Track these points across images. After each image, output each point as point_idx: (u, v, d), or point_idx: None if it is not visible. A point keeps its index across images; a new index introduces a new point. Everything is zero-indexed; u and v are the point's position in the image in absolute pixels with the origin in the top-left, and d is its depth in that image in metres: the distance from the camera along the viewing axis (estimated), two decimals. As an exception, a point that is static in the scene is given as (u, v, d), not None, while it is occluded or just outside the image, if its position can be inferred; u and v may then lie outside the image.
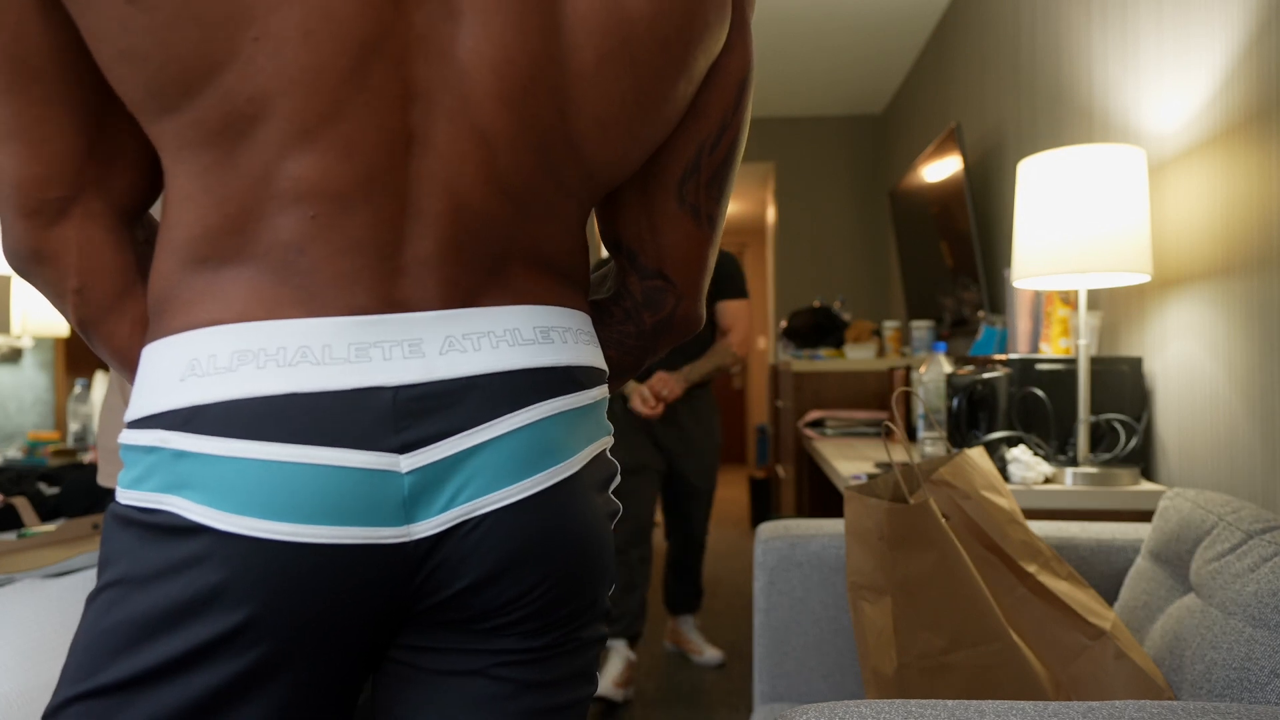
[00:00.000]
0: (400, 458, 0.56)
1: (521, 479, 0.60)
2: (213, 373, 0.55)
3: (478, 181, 0.59)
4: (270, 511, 0.54)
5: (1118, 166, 1.49)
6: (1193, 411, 1.56)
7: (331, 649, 0.58)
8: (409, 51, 0.56)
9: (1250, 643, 0.92)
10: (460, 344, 0.59)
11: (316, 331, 0.55)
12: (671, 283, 0.74)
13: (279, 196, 0.55)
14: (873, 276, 5.25)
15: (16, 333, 3.36)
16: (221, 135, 0.54)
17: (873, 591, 1.18)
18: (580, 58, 0.59)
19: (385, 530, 0.56)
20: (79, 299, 0.61)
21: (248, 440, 0.54)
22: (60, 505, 1.95)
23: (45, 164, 0.58)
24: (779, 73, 4.52)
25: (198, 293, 0.56)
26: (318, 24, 0.52)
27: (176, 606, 0.54)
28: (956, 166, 2.91)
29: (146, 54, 0.52)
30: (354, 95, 0.54)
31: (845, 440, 2.80)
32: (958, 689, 1.08)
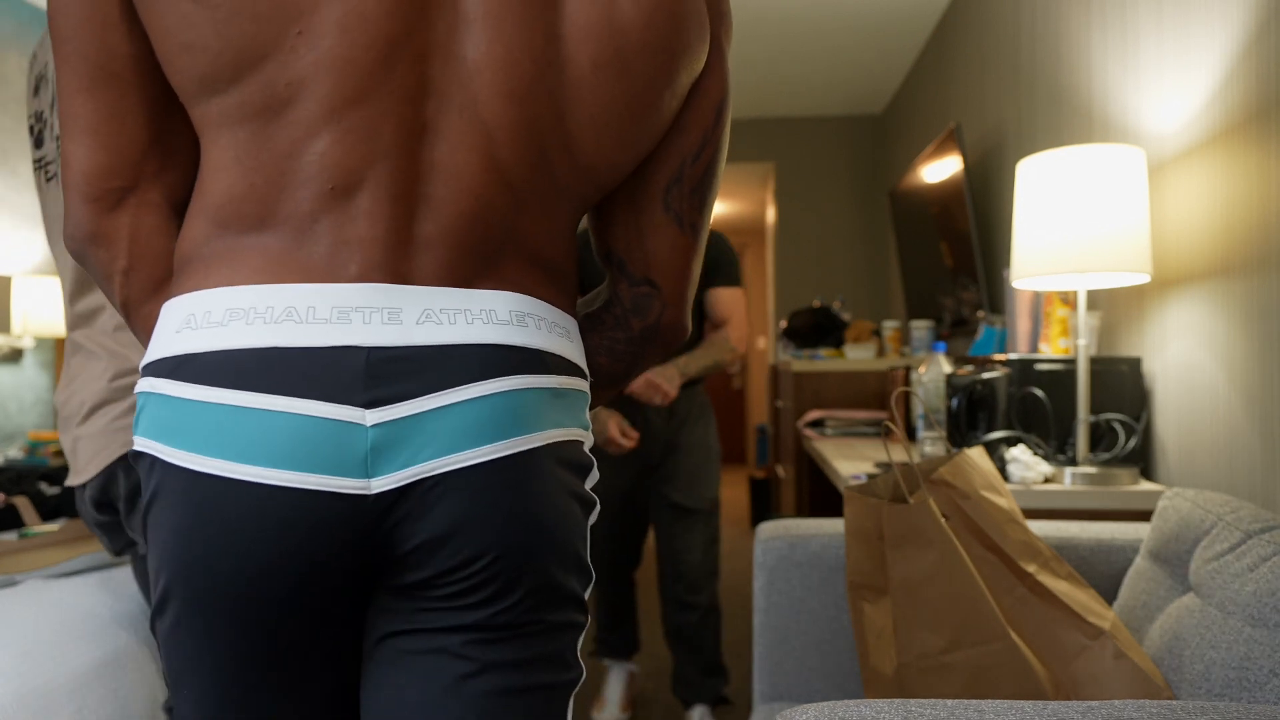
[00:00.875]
0: (366, 412, 0.60)
1: (480, 445, 0.63)
2: (205, 326, 0.61)
3: (481, 170, 0.64)
4: (239, 455, 0.59)
5: (1117, 166, 1.49)
6: (1192, 411, 1.56)
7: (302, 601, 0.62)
8: (428, 51, 0.63)
9: (1249, 642, 0.92)
10: (437, 317, 0.63)
11: (304, 294, 0.61)
12: (658, 289, 0.78)
13: (303, 170, 0.61)
14: (872, 276, 5.25)
15: (18, 333, 3.36)
16: (259, 114, 0.61)
17: (872, 591, 1.18)
18: (578, 63, 0.65)
19: (346, 481, 0.60)
20: (125, 279, 0.67)
21: (227, 389, 0.59)
22: (61, 505, 1.95)
23: (111, 156, 0.65)
24: (779, 73, 4.52)
25: (215, 257, 0.63)
26: (353, 22, 0.60)
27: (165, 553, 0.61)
28: (956, 166, 2.91)
29: (205, 45, 0.60)
30: (378, 86, 0.61)
31: (845, 440, 2.80)
32: (957, 689, 1.08)
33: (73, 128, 0.65)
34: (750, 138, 5.33)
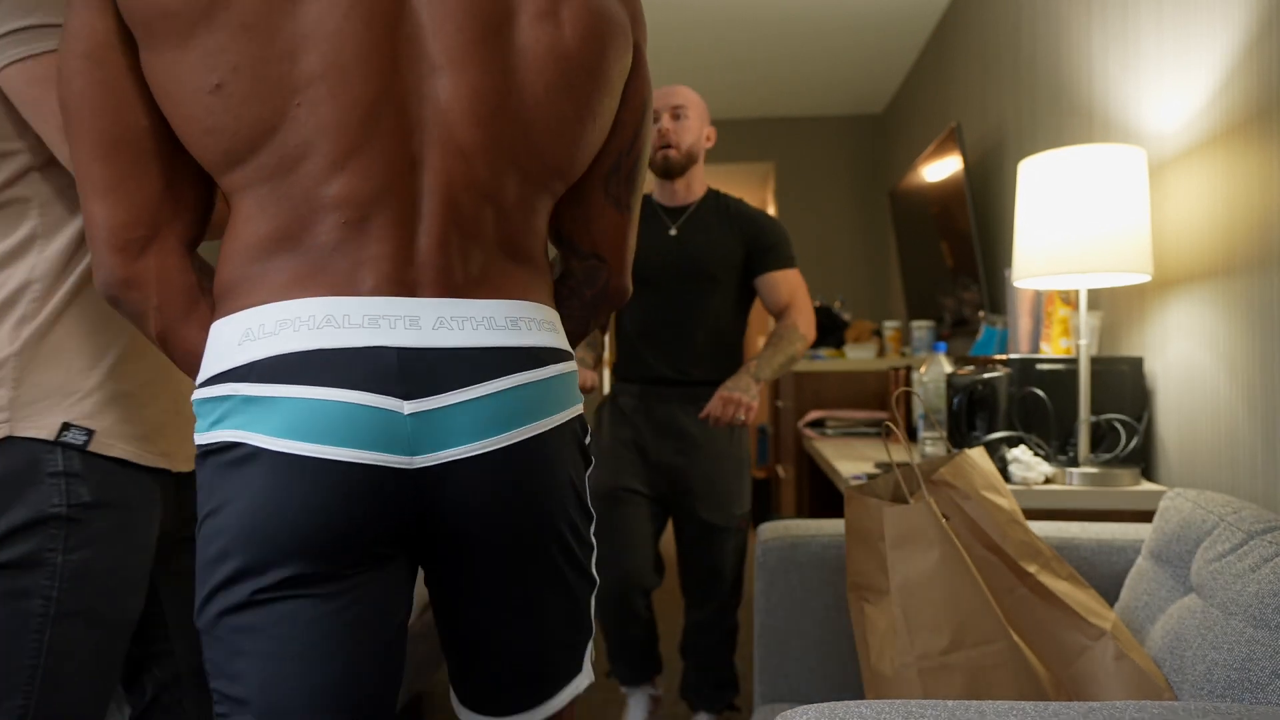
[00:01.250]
0: (404, 403, 0.74)
1: (497, 434, 0.78)
2: (261, 337, 0.74)
3: (464, 189, 0.78)
4: (309, 436, 0.72)
5: (1118, 166, 1.49)
6: (1193, 411, 1.56)
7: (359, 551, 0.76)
8: (406, 99, 0.76)
9: (1251, 643, 0.92)
10: (449, 324, 0.77)
11: (339, 305, 0.74)
12: (604, 261, 0.96)
13: (319, 210, 0.74)
14: (873, 276, 5.25)
15: (16, 333, 3.35)
16: (276, 173, 0.74)
17: (873, 592, 1.18)
18: (533, 89, 0.80)
19: (393, 456, 0.74)
20: (158, 314, 0.79)
21: (289, 384, 0.72)
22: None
23: (130, 211, 0.76)
24: (779, 72, 4.52)
25: (253, 283, 0.75)
26: (340, 89, 0.73)
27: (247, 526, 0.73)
28: (957, 166, 2.91)
29: (224, 127, 0.72)
30: (370, 135, 0.74)
31: (845, 440, 2.80)
32: (958, 689, 1.08)
33: (92, 189, 0.75)
34: (750, 138, 5.33)
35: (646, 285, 2.06)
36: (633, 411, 2.09)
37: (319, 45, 0.72)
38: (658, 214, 2.10)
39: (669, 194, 2.10)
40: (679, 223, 2.08)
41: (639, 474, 2.06)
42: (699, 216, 2.09)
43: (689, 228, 2.07)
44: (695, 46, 4.15)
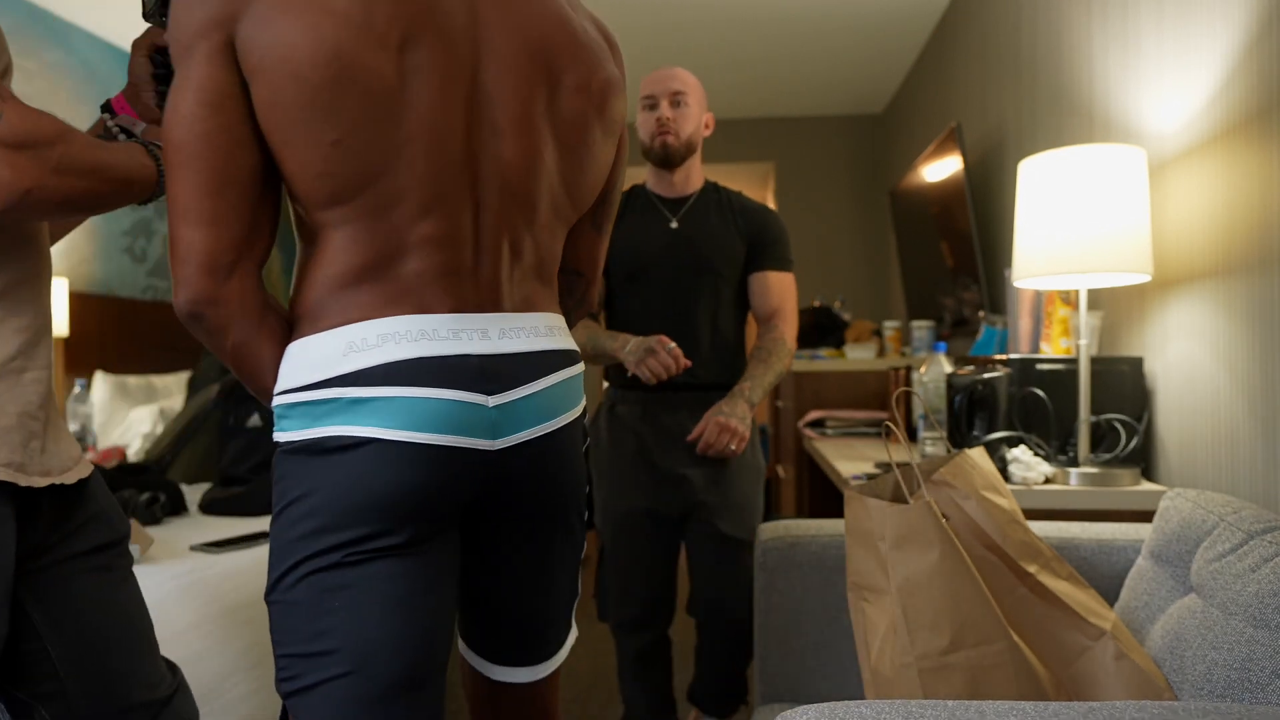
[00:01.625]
0: (488, 398, 0.91)
1: (549, 420, 0.98)
2: (365, 349, 0.88)
3: (514, 228, 0.97)
4: (419, 426, 0.87)
5: (1118, 166, 1.49)
6: (1193, 411, 1.56)
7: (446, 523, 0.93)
8: (476, 156, 0.93)
9: (1251, 643, 0.92)
10: (509, 334, 0.95)
11: (428, 322, 0.90)
12: (582, 275, 1.17)
13: (407, 245, 0.90)
14: (873, 276, 5.25)
15: (16, 333, 3.34)
16: (371, 213, 0.88)
17: (873, 592, 1.18)
18: (567, 145, 1.00)
19: (481, 440, 0.91)
20: (238, 327, 0.89)
21: (399, 386, 0.87)
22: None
23: (225, 240, 0.85)
24: (779, 73, 4.52)
25: (344, 305, 0.89)
26: (432, 149, 0.89)
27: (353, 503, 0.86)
28: (957, 166, 2.90)
29: (336, 173, 0.86)
30: (449, 185, 0.91)
31: (845, 440, 2.80)
32: (958, 689, 1.08)
33: (197, 219, 0.84)
34: (750, 137, 5.33)
35: (646, 280, 1.93)
36: (637, 421, 1.92)
37: (418, 112, 0.88)
38: (655, 205, 1.99)
39: (666, 184, 1.99)
40: (679, 215, 1.97)
41: (649, 491, 1.90)
42: (699, 208, 1.98)
43: (689, 220, 1.96)
44: (695, 46, 4.15)
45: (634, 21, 3.82)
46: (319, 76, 0.83)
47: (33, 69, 3.60)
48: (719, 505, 1.88)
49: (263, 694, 1.64)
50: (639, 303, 1.95)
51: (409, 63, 0.87)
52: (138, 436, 3.50)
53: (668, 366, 1.74)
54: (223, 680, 1.54)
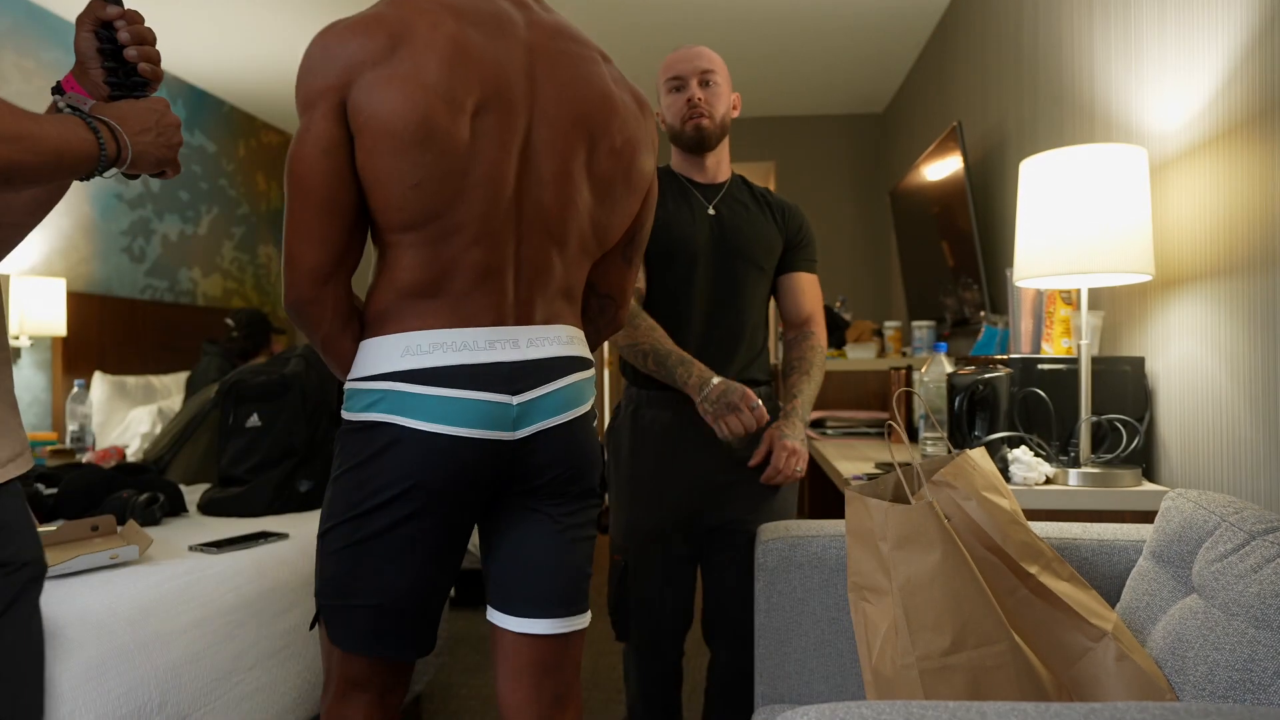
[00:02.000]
0: (513, 398, 1.12)
1: (563, 414, 1.18)
2: (419, 353, 1.10)
3: (547, 260, 1.17)
4: (449, 421, 1.09)
5: (1120, 166, 1.49)
6: (1195, 411, 1.55)
7: (467, 500, 1.14)
8: (522, 201, 1.14)
9: (1253, 644, 0.91)
10: (536, 344, 1.16)
11: (470, 334, 1.12)
12: (612, 298, 1.36)
13: (459, 268, 1.11)
14: (874, 276, 5.25)
15: (14, 332, 3.35)
16: (435, 240, 1.10)
17: (874, 592, 1.17)
18: (598, 197, 1.20)
19: (504, 433, 1.12)
20: (329, 324, 1.13)
21: (439, 387, 1.09)
22: (58, 507, 1.94)
23: (328, 254, 1.09)
24: (780, 72, 4.51)
25: (406, 313, 1.12)
26: (488, 193, 1.10)
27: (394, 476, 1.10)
28: (958, 166, 2.90)
29: (409, 207, 1.08)
30: (498, 222, 1.12)
31: (846, 440, 2.80)
32: (959, 690, 1.07)
33: (307, 236, 1.08)
34: (751, 136, 5.33)
35: (687, 265, 1.75)
36: (668, 426, 1.76)
37: (480, 164, 1.09)
38: (691, 190, 1.82)
39: (699, 170, 1.83)
40: (715, 202, 1.81)
41: (681, 503, 1.75)
42: (734, 198, 1.84)
43: (727, 209, 1.81)
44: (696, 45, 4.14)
45: (634, 21, 3.81)
46: (410, 135, 1.04)
47: (31, 68, 3.59)
48: (753, 517, 1.75)
49: (262, 694, 1.64)
50: (679, 289, 1.77)
51: (478, 125, 1.09)
52: (136, 436, 3.50)
53: (749, 428, 1.57)
54: (223, 680, 1.54)
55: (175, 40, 4.01)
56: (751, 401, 1.57)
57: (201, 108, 4.70)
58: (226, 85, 4.66)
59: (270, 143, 5.39)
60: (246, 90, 4.74)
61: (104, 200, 3.99)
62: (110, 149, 0.96)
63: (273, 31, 3.92)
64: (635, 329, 1.68)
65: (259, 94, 4.81)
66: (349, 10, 3.67)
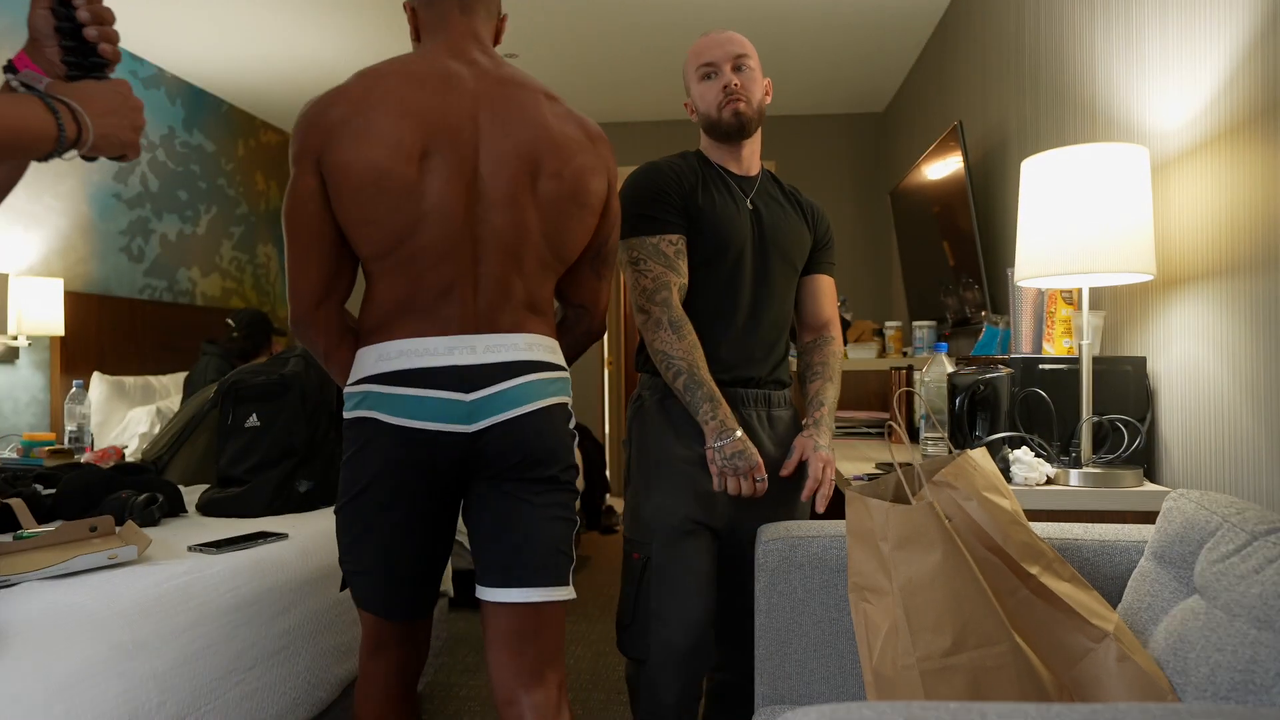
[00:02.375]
0: (466, 395, 1.29)
1: (515, 408, 1.32)
2: (390, 359, 1.29)
3: (504, 275, 1.34)
4: (413, 416, 1.27)
5: (1121, 165, 1.48)
6: (1197, 412, 1.55)
7: (434, 483, 1.32)
8: (475, 226, 1.32)
9: (1255, 645, 0.91)
10: (494, 350, 1.32)
11: (433, 343, 1.29)
12: (584, 307, 1.53)
13: (425, 286, 1.30)
14: (874, 276, 5.24)
15: (13, 332, 3.34)
16: (401, 265, 1.29)
17: (875, 593, 1.17)
18: (546, 217, 1.36)
19: (460, 426, 1.29)
20: (326, 339, 1.36)
21: (405, 387, 1.28)
22: (57, 507, 1.94)
23: (318, 281, 1.32)
24: (780, 70, 4.51)
25: (386, 326, 1.31)
26: (441, 222, 1.29)
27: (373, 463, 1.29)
28: (958, 165, 2.90)
29: (373, 239, 1.29)
30: (454, 246, 1.30)
31: (847, 441, 2.79)
32: (960, 691, 1.07)
33: (300, 268, 1.32)
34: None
35: (729, 261, 1.67)
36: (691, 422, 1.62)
37: (430, 198, 1.29)
38: (729, 182, 1.73)
39: (734, 160, 1.75)
40: (751, 196, 1.74)
41: (704, 502, 1.62)
42: (767, 192, 1.77)
43: (763, 204, 1.74)
44: (696, 45, 4.13)
45: (635, 21, 3.81)
46: (364, 180, 1.26)
47: (31, 68, 3.58)
48: (776, 520, 1.67)
49: (262, 694, 1.64)
50: (724, 287, 1.68)
51: (426, 166, 1.29)
52: (135, 437, 3.50)
53: (747, 496, 1.56)
54: (222, 680, 1.53)
55: (175, 40, 4.01)
56: (759, 474, 1.54)
57: (201, 107, 4.70)
58: (226, 84, 4.65)
59: (269, 142, 5.38)
60: (246, 89, 4.74)
61: (102, 200, 3.99)
62: (70, 130, 0.92)
63: (272, 31, 3.91)
64: (680, 338, 1.56)
65: (258, 93, 4.81)
66: (348, 10, 3.67)
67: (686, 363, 1.56)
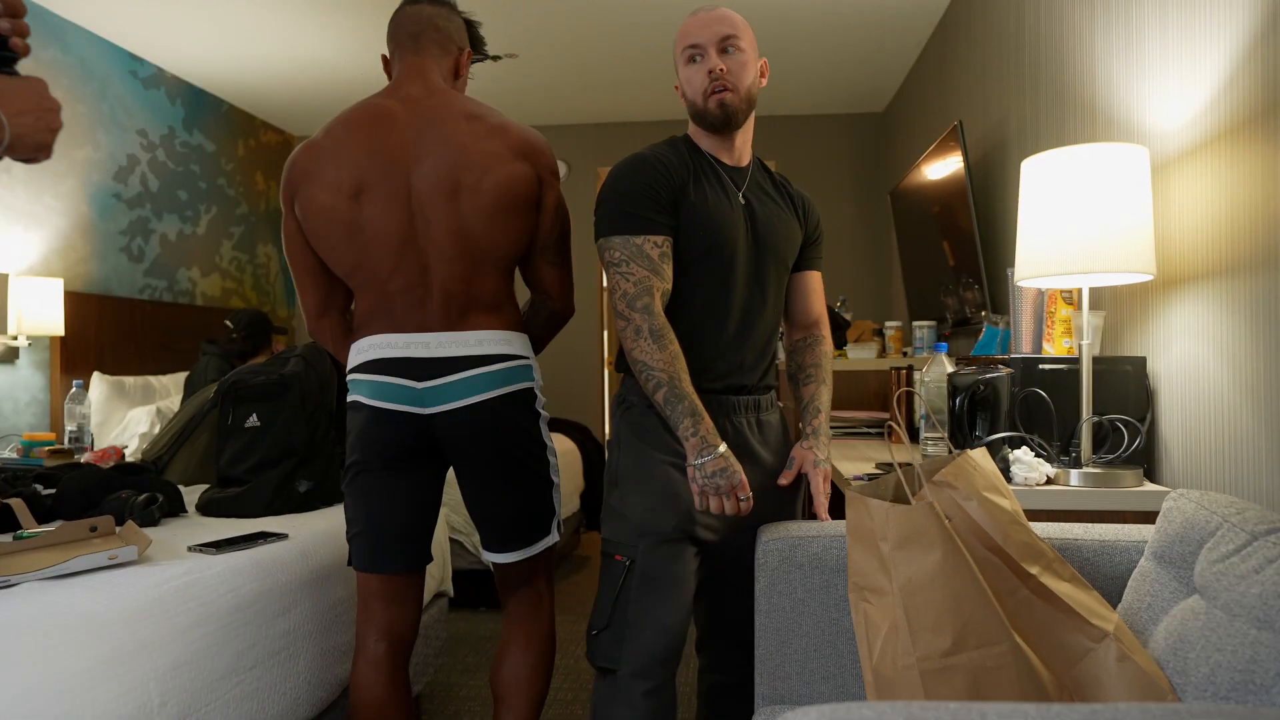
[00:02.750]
0: (418, 383, 1.55)
1: (467, 398, 1.57)
2: (363, 353, 1.58)
3: (450, 277, 1.58)
4: (379, 398, 1.56)
5: (1121, 165, 1.48)
6: (1197, 412, 1.55)
7: (401, 452, 1.59)
8: (417, 239, 1.56)
9: (1255, 645, 0.91)
10: (445, 345, 1.57)
11: (394, 339, 1.57)
12: (549, 295, 1.75)
13: (388, 295, 1.57)
14: (874, 276, 5.24)
15: (13, 332, 3.34)
16: (365, 281, 1.58)
17: (875, 593, 1.17)
18: (476, 223, 1.58)
19: (415, 408, 1.56)
20: (333, 342, 1.68)
21: (372, 374, 1.57)
22: (56, 507, 1.94)
23: (315, 299, 1.66)
24: (780, 70, 4.51)
25: (363, 328, 1.61)
26: (385, 244, 1.55)
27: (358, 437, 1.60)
28: (958, 165, 2.90)
29: (336, 262, 1.60)
30: (402, 261, 1.56)
31: (847, 441, 2.79)
32: (960, 691, 1.07)
33: (300, 288, 1.66)
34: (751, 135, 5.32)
35: (722, 260, 1.55)
36: None
37: (374, 225, 1.55)
38: (721, 175, 1.60)
39: (726, 151, 1.61)
40: (743, 189, 1.61)
41: (691, 511, 1.52)
42: (759, 185, 1.65)
43: (754, 197, 1.62)
44: (696, 45, 4.13)
45: (635, 21, 3.81)
46: (318, 220, 1.56)
47: (29, 67, 3.59)
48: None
49: (263, 694, 1.64)
50: (717, 288, 1.55)
51: (363, 199, 1.54)
52: (135, 437, 3.50)
53: (729, 514, 1.47)
54: (222, 680, 1.53)
55: (175, 40, 4.01)
56: (743, 494, 1.43)
57: (200, 107, 4.70)
58: (225, 84, 4.65)
59: (269, 142, 5.38)
60: (245, 89, 4.74)
61: (102, 200, 3.99)
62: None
63: (272, 31, 3.91)
64: (661, 348, 1.44)
65: (258, 93, 4.80)
66: (348, 10, 3.67)
67: (667, 374, 1.43)
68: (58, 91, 3.74)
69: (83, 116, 3.86)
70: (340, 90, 4.76)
